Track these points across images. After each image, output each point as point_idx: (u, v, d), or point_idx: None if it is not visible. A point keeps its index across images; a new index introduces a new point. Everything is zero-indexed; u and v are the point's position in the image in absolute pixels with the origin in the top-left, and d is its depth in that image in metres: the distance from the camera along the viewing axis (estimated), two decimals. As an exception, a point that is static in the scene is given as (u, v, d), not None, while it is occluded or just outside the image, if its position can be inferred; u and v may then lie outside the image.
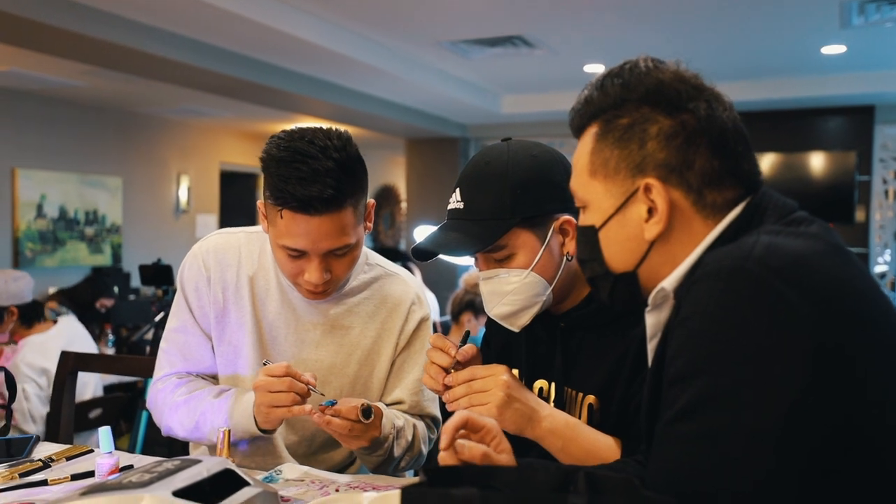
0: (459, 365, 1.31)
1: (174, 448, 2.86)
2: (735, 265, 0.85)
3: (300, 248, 1.42)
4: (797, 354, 0.81)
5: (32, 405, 3.11)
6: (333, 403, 1.37)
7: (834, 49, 5.60)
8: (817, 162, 6.77)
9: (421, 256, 1.36)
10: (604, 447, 1.26)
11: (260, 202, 1.49)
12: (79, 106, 7.27)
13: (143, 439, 3.51)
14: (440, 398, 1.50)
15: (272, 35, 4.84)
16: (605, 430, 1.30)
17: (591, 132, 1.04)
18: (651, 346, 1.02)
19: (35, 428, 3.09)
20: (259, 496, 0.97)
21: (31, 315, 3.30)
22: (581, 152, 1.05)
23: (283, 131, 1.45)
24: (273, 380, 1.37)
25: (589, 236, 1.05)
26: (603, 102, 1.02)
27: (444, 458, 1.04)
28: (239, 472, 1.01)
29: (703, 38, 5.38)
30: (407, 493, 0.79)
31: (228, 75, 5.37)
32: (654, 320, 1.01)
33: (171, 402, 1.57)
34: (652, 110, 0.98)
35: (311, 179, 1.36)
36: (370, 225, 1.54)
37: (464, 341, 1.34)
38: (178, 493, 0.90)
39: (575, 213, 1.32)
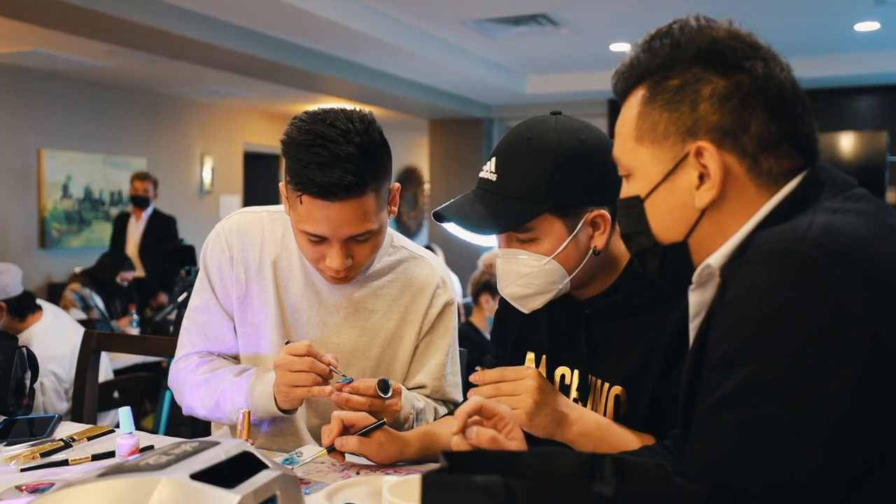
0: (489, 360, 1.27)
1: (197, 428, 2.88)
2: (789, 247, 0.80)
3: (320, 234, 1.39)
4: (854, 344, 0.76)
5: (49, 399, 3.08)
6: (351, 381, 1.35)
7: (867, 26, 5.46)
8: (847, 142, 6.62)
9: (440, 218, 1.31)
10: (635, 447, 1.20)
11: (282, 184, 1.46)
12: (104, 87, 7.31)
13: (167, 419, 3.53)
14: (462, 384, 1.47)
15: (296, 14, 4.81)
16: (633, 424, 1.25)
17: (637, 95, 0.98)
18: (693, 326, 0.98)
19: None
20: (278, 479, 0.95)
21: (23, 308, 3.17)
22: (626, 117, 0.99)
23: (305, 113, 1.41)
24: (294, 359, 1.35)
25: (634, 207, 1.00)
26: (651, 63, 0.96)
27: (457, 442, 1.01)
28: (258, 454, 0.99)
29: (732, 16, 5.26)
30: (428, 478, 0.77)
31: (252, 55, 5.36)
32: (697, 298, 0.96)
33: (192, 380, 1.56)
34: (705, 70, 0.92)
35: (330, 165, 1.32)
36: (395, 209, 1.50)
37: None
38: (196, 476, 0.89)
39: (612, 206, 1.26)
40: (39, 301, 3.34)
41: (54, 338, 3.16)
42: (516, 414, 1.17)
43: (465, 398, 1.44)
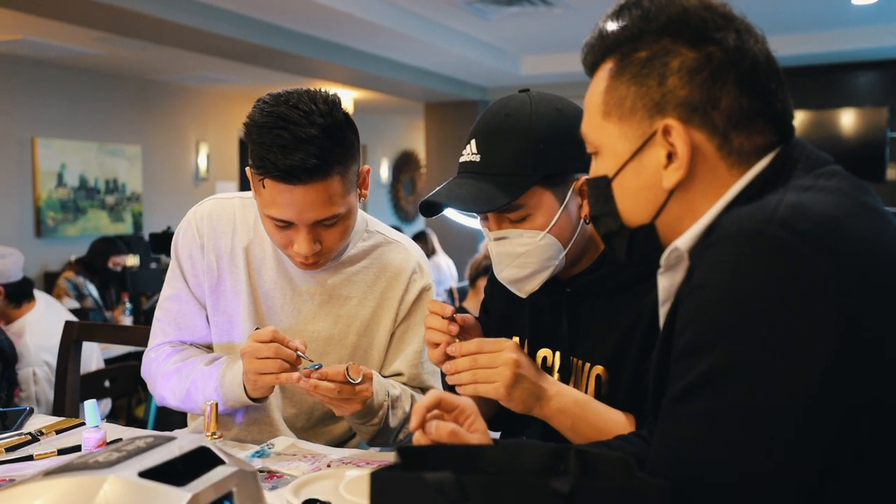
0: (460, 331, 1.24)
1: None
2: (756, 228, 0.76)
3: (285, 219, 1.35)
4: (824, 329, 0.72)
5: (41, 388, 3.05)
6: (319, 367, 1.31)
7: (865, 0, 5.38)
8: (847, 119, 6.55)
9: (427, 211, 1.28)
10: (615, 424, 1.19)
11: (248, 168, 1.42)
12: (96, 74, 7.25)
13: (157, 408, 3.52)
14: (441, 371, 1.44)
15: (288, 0, 4.76)
16: (614, 403, 1.23)
17: (605, 69, 0.93)
18: (663, 312, 0.93)
19: (44, 411, 3.05)
20: (234, 475, 0.92)
21: (20, 294, 3.15)
22: (594, 91, 0.95)
23: (269, 94, 1.38)
24: (260, 346, 1.31)
25: (601, 187, 0.95)
26: (619, 35, 0.91)
27: (418, 438, 0.98)
28: (215, 450, 0.96)
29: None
30: (377, 476, 0.74)
31: (245, 41, 5.30)
32: (666, 283, 0.92)
33: (163, 370, 1.53)
34: (674, 42, 0.88)
35: (293, 147, 1.28)
36: (365, 192, 1.46)
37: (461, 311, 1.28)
38: (145, 474, 0.86)
39: None
40: (36, 291, 3.32)
41: (47, 327, 3.13)
42: (494, 387, 1.15)
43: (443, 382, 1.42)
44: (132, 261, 5.71)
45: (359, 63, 6.40)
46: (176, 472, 0.89)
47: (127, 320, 4.61)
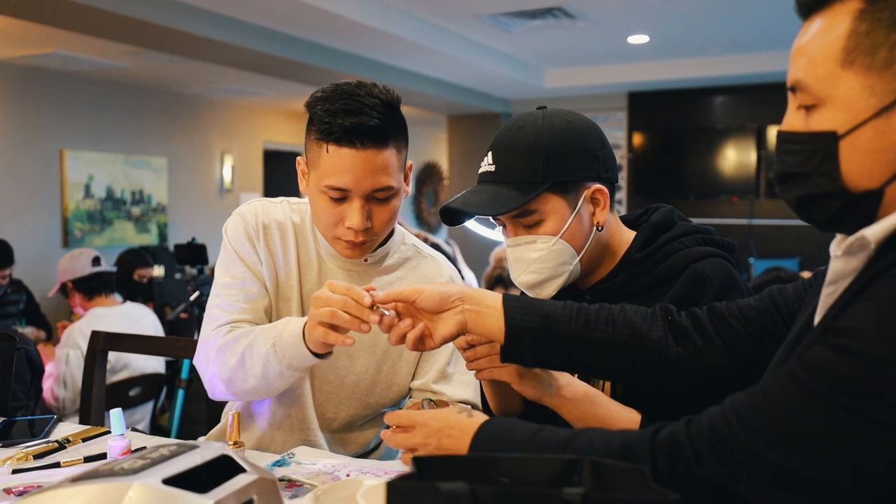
0: None
1: (212, 425, 2.90)
2: None
3: (343, 186, 1.38)
4: None
5: (71, 370, 3.22)
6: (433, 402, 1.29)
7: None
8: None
9: (449, 220, 1.34)
10: (623, 419, 1.22)
11: (300, 159, 1.48)
12: (124, 87, 7.38)
13: (180, 417, 3.56)
14: (480, 384, 1.47)
15: (313, 12, 4.82)
16: (628, 401, 1.26)
17: (846, 8, 0.82)
18: (827, 293, 0.88)
19: (64, 393, 3.18)
20: (254, 483, 0.94)
21: (89, 288, 3.49)
22: (827, 34, 0.83)
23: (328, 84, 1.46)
24: (329, 293, 1.24)
25: (822, 144, 0.84)
26: None
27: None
28: (237, 458, 0.98)
29: (752, 6, 5.18)
30: (393, 485, 0.76)
31: (270, 54, 5.38)
32: (841, 266, 0.85)
33: (219, 343, 1.43)
34: None
35: (356, 112, 1.36)
36: (408, 188, 1.50)
37: None
38: (169, 481, 0.88)
39: (606, 182, 1.31)
40: (130, 302, 3.66)
41: (113, 326, 3.23)
42: (508, 370, 1.22)
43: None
44: (157, 272, 5.79)
45: (382, 75, 6.46)
46: (198, 480, 0.92)
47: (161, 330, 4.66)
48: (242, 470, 0.96)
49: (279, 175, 9.57)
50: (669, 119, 8.01)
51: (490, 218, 1.32)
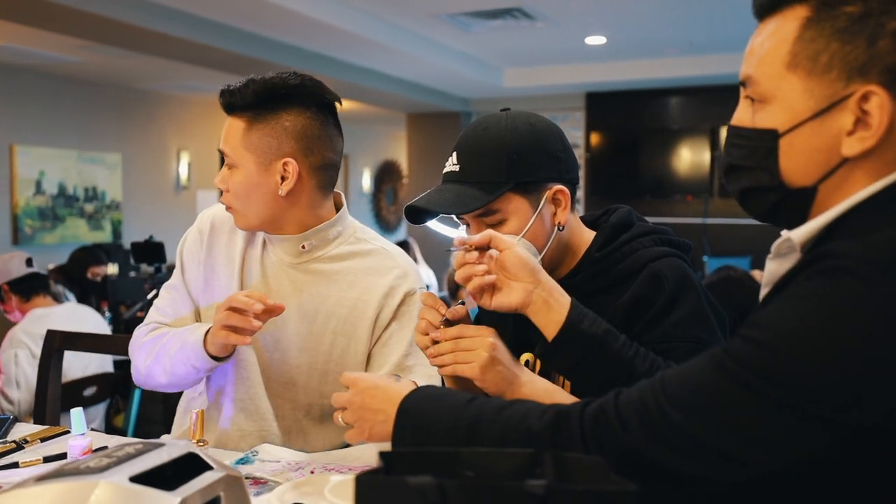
0: (449, 323, 1.30)
1: (169, 424, 2.88)
2: (894, 273, 0.75)
3: (221, 148, 1.56)
4: None
5: (21, 370, 3.16)
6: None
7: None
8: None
9: (414, 219, 1.36)
10: None
11: None
12: (77, 82, 7.23)
13: (137, 417, 3.51)
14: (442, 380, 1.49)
15: (271, 10, 4.78)
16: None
17: (796, 14, 0.87)
18: (763, 293, 0.93)
19: (17, 394, 3.13)
20: (221, 480, 0.95)
21: (26, 289, 3.40)
22: (776, 37, 0.88)
23: None
24: (224, 302, 1.41)
25: (765, 141, 0.89)
26: None
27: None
28: (203, 455, 0.99)
29: (702, 10, 5.29)
30: (362, 479, 0.77)
31: (228, 50, 5.32)
32: (775, 268, 0.91)
33: (141, 342, 1.61)
34: (892, 1, 0.81)
35: (236, 83, 1.52)
36: (284, 186, 1.53)
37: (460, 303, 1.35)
38: (136, 479, 0.88)
39: (567, 183, 1.34)
40: (68, 303, 3.59)
41: (56, 325, 3.18)
42: (470, 367, 1.23)
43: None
44: (111, 269, 5.69)
45: (341, 73, 6.44)
46: (165, 478, 0.92)
47: (106, 330, 4.59)
48: (209, 467, 0.97)
49: (237, 172, 9.46)
50: (626, 119, 8.14)
51: (454, 217, 1.34)
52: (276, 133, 1.52)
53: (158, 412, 3.42)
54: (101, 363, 3.49)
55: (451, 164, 1.34)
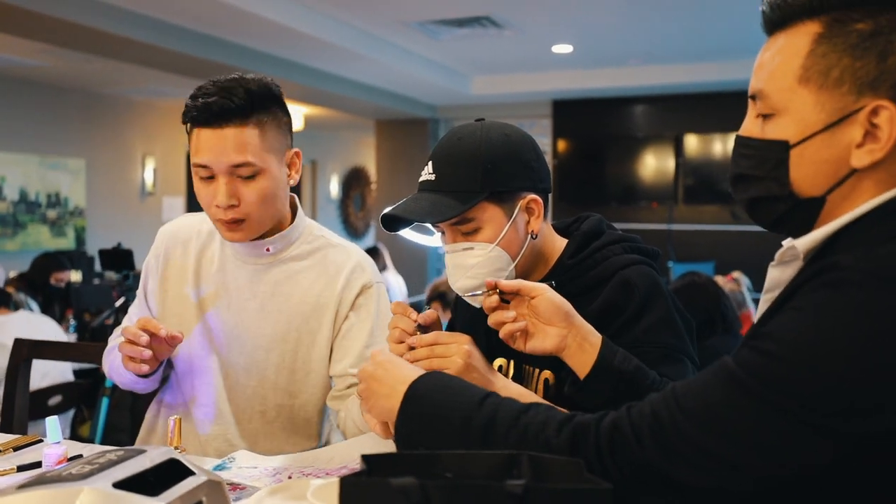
0: (423, 329, 1.33)
1: (136, 434, 2.86)
2: None
3: (204, 164, 1.47)
4: None
5: None
6: None
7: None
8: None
9: (389, 226, 1.38)
10: None
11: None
12: (39, 86, 7.12)
13: (104, 426, 3.47)
14: None
15: (239, 15, 4.77)
16: (559, 403, 1.31)
17: (807, 30, 0.90)
18: (766, 299, 0.96)
19: None
20: (204, 485, 0.96)
21: None
22: (787, 52, 0.91)
23: None
24: (133, 329, 1.45)
25: (775, 152, 0.92)
26: None
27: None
28: (185, 461, 1.00)
29: (667, 19, 5.39)
30: (346, 481, 0.79)
31: (194, 56, 5.29)
32: (776, 275, 0.94)
33: (108, 347, 1.72)
34: None
35: (214, 93, 1.45)
36: (295, 175, 1.58)
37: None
38: (119, 485, 0.89)
39: (541, 192, 1.37)
40: (21, 310, 3.54)
41: (10, 334, 3.13)
42: (447, 373, 1.23)
43: None
44: (75, 276, 5.60)
45: (310, 79, 6.43)
46: (148, 484, 0.93)
47: (71, 337, 4.53)
48: (191, 473, 0.98)
49: (203, 178, 9.38)
50: (592, 126, 8.24)
51: (430, 225, 1.37)
52: (282, 128, 1.54)
53: (125, 421, 3.39)
54: (61, 372, 3.45)
55: (427, 174, 1.36)
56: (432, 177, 1.34)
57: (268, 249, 1.61)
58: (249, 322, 1.61)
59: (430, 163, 1.36)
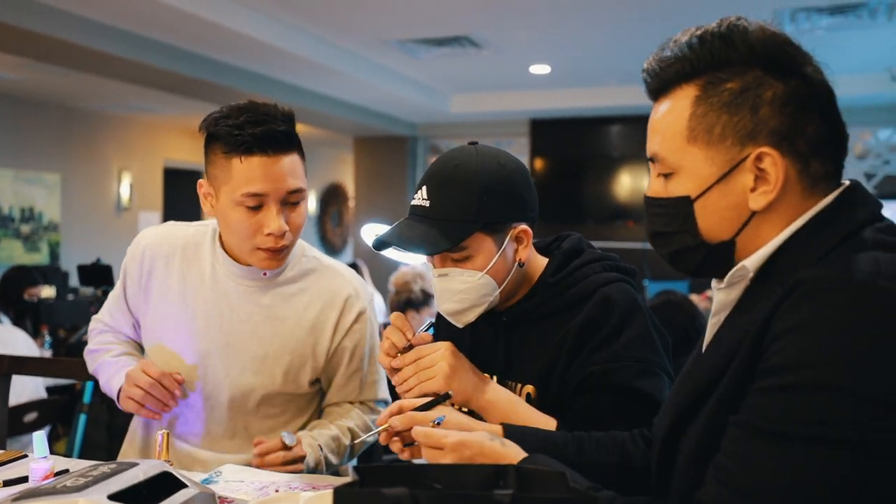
0: (411, 349, 1.36)
1: (113, 451, 2.84)
2: (867, 279, 0.84)
3: (260, 192, 1.46)
4: None
5: None
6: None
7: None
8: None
9: (377, 246, 1.40)
10: (541, 423, 1.31)
11: (201, 182, 1.54)
12: (14, 99, 7.06)
13: (82, 442, 3.44)
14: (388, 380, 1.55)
15: (217, 31, 4.79)
16: (543, 412, 1.36)
17: (686, 94, 0.98)
18: (713, 323, 1.01)
19: None
20: (196, 497, 0.98)
21: None
22: (674, 116, 0.99)
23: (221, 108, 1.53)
24: (141, 374, 1.49)
25: (681, 207, 0.99)
26: (701, 62, 0.96)
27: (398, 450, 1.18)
28: (177, 474, 1.02)
29: (641, 40, 5.50)
30: (339, 492, 0.82)
31: (172, 71, 5.29)
32: (723, 297, 0.99)
33: (91, 345, 1.75)
34: (765, 74, 0.94)
35: (262, 122, 1.45)
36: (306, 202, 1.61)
37: (429, 329, 1.40)
38: (114, 497, 0.91)
39: (530, 222, 1.40)
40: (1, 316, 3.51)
41: None
42: (435, 380, 1.29)
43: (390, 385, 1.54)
44: (47, 292, 5.54)
45: (289, 96, 6.45)
46: (141, 496, 0.95)
47: (46, 353, 4.47)
48: (183, 485, 1.00)
49: (180, 194, 9.34)
50: (569, 146, 8.33)
51: None
52: (302, 156, 1.57)
53: (102, 437, 3.36)
54: (35, 388, 3.41)
55: (421, 199, 1.36)
56: (426, 203, 1.35)
57: (264, 273, 1.61)
58: (241, 343, 1.61)
59: (423, 187, 1.37)
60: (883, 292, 0.83)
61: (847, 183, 0.97)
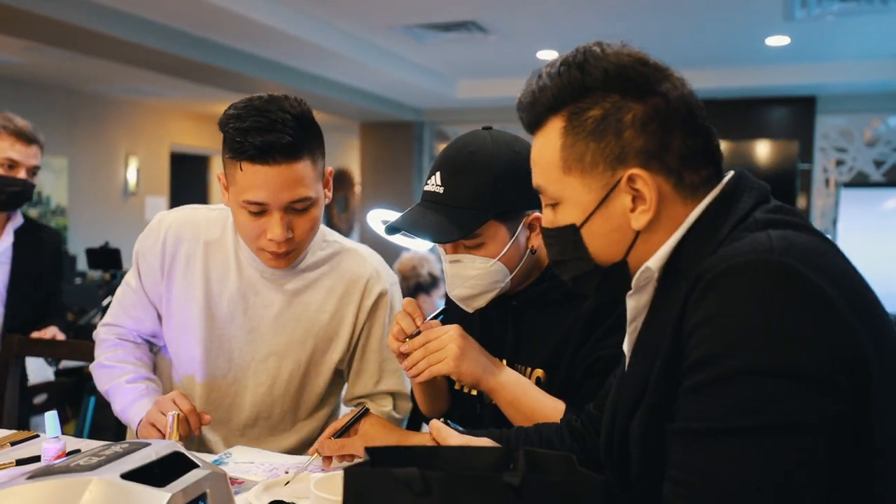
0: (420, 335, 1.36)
1: (121, 433, 2.86)
2: (761, 258, 0.84)
3: (261, 201, 1.42)
4: (841, 344, 0.80)
5: None
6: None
7: (778, 40, 5.74)
8: (762, 150, 6.95)
9: (390, 233, 1.41)
10: (549, 407, 1.33)
11: (219, 173, 1.51)
12: (20, 83, 7.07)
13: (91, 424, 3.47)
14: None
15: (224, 15, 4.77)
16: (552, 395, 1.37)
17: (554, 126, 1.00)
18: (630, 330, 1.02)
19: None
20: (208, 477, 0.99)
21: None
22: (546, 148, 1.01)
23: (240, 99, 1.49)
24: (173, 406, 1.46)
25: (569, 235, 1.02)
26: (562, 94, 0.99)
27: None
28: (188, 454, 1.03)
29: (650, 26, 5.47)
30: (350, 472, 0.83)
31: (179, 55, 5.28)
32: (634, 304, 1.00)
33: (100, 361, 1.67)
34: (623, 98, 0.96)
35: (268, 129, 1.38)
36: (329, 194, 1.56)
37: (437, 317, 1.40)
38: (127, 476, 0.92)
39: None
40: None
41: None
42: (444, 363, 1.30)
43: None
44: None
45: (295, 81, 6.44)
46: (154, 475, 0.96)
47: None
48: (195, 465, 1.01)
49: (186, 178, 9.36)
50: (575, 132, 8.29)
51: None
52: (322, 153, 1.51)
53: (111, 419, 3.39)
54: (42, 370, 3.43)
55: (435, 185, 1.36)
56: (440, 189, 1.35)
57: None
58: (265, 328, 1.61)
59: (437, 173, 1.36)
60: (778, 266, 0.83)
61: (729, 174, 0.99)
